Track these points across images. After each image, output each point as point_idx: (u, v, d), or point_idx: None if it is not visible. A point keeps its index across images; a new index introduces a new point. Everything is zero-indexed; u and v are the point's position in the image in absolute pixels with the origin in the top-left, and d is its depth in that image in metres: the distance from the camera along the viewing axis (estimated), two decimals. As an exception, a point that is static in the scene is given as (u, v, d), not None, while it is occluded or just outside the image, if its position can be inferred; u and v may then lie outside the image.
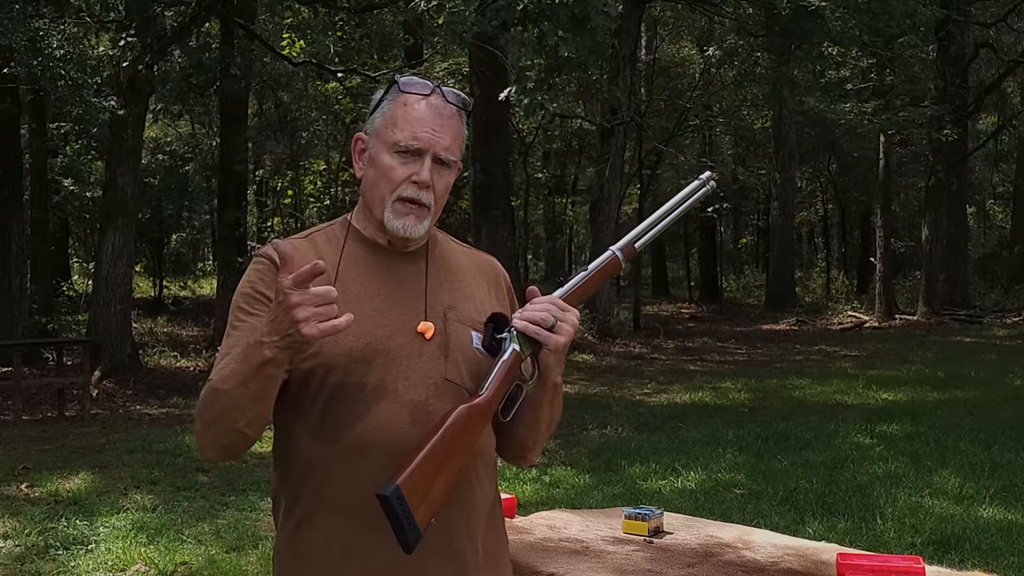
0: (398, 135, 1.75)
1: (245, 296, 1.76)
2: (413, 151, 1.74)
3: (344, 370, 1.70)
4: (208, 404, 1.65)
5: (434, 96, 1.77)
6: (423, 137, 1.74)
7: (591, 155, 23.36)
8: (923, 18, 17.35)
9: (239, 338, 1.69)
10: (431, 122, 1.75)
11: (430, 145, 1.74)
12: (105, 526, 5.94)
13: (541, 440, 1.88)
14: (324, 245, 1.80)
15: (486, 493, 1.82)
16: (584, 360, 15.01)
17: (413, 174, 1.74)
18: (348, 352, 1.70)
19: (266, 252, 1.78)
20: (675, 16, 22.97)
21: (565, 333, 1.71)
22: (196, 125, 25.23)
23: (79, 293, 18.88)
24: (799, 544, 2.89)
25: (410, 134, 1.74)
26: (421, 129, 1.74)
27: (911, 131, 21.53)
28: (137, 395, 11.62)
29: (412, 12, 12.36)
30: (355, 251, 1.80)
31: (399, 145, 1.74)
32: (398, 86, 1.78)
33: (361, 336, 1.71)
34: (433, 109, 1.76)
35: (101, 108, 11.13)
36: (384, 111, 1.78)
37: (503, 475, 7.15)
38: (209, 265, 31.26)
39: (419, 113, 1.75)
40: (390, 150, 1.75)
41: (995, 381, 12.20)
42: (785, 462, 7.68)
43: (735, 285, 32.12)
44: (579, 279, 1.81)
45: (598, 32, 11.27)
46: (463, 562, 1.76)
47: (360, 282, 1.77)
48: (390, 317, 1.74)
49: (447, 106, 1.77)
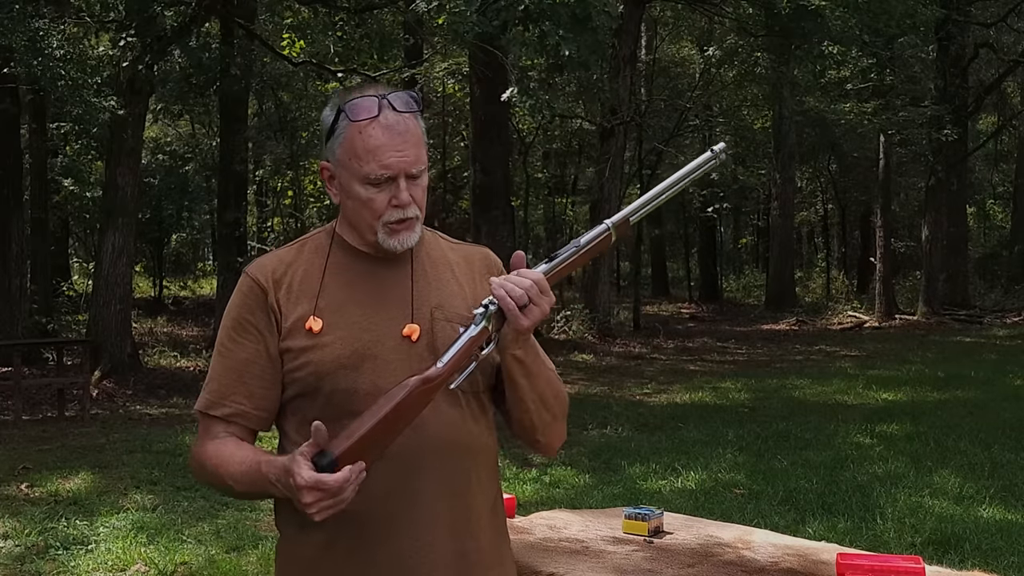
0: (365, 168, 1.73)
1: (233, 322, 1.80)
2: (385, 180, 1.73)
3: (335, 377, 1.73)
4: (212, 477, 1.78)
5: (384, 113, 1.73)
6: (391, 164, 1.72)
7: (591, 155, 23.35)
8: (923, 18, 17.33)
9: (226, 366, 1.79)
10: (392, 145, 1.72)
11: (399, 169, 1.72)
12: (105, 526, 5.94)
13: (544, 421, 1.83)
14: (311, 254, 1.83)
15: (487, 493, 1.83)
16: (584, 360, 15.01)
17: (392, 199, 1.74)
18: (336, 359, 1.73)
19: (253, 275, 1.81)
20: (675, 16, 22.96)
21: (532, 317, 1.68)
22: (196, 125, 25.23)
23: (79, 293, 18.89)
24: (799, 544, 2.89)
25: (377, 165, 1.72)
26: (386, 157, 1.72)
27: (911, 131, 21.51)
28: (137, 395, 11.62)
29: (413, 13, 12.37)
30: (340, 259, 1.81)
31: (369, 178, 1.73)
32: (347, 115, 1.74)
33: (348, 343, 1.74)
34: (389, 130, 1.72)
35: (101, 108, 11.13)
36: (341, 140, 1.75)
37: (503, 475, 7.14)
38: (209, 265, 31.26)
39: (377, 140, 1.72)
40: (361, 182, 1.74)
41: (995, 381, 12.20)
42: (785, 462, 7.68)
43: (735, 285, 32.12)
44: (570, 254, 1.76)
45: (599, 31, 11.28)
46: (467, 560, 1.77)
47: (346, 290, 1.79)
48: (376, 322, 1.76)
49: (400, 118, 1.73)
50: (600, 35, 11.73)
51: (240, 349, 1.78)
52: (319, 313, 1.76)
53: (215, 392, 1.79)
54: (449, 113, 26.25)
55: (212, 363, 1.82)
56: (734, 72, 20.65)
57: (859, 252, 29.25)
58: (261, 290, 1.79)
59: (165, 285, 24.47)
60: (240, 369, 1.77)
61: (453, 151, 27.66)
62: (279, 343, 1.77)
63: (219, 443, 1.76)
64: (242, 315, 1.79)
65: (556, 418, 1.85)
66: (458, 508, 1.76)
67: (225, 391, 1.78)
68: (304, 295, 1.78)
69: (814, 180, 30.64)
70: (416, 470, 1.71)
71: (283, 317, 1.77)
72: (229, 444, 1.76)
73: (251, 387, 1.77)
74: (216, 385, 1.79)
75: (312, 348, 1.74)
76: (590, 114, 19.67)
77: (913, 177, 25.73)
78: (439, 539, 1.73)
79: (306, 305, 1.77)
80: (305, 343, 1.75)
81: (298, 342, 1.75)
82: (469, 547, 1.77)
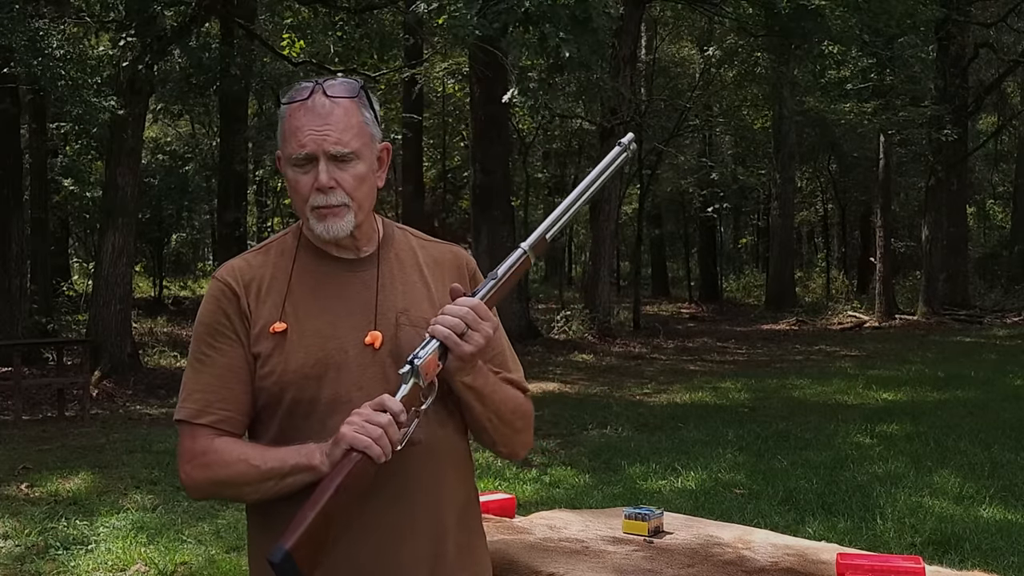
0: (288, 148, 1.75)
1: (208, 328, 1.77)
2: (305, 159, 1.73)
3: (298, 386, 1.72)
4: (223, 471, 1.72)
5: (314, 96, 1.74)
6: (307, 142, 1.73)
7: (591, 155, 23.35)
8: (923, 18, 17.35)
9: (208, 373, 1.75)
10: (311, 124, 1.73)
11: (317, 146, 1.72)
12: (105, 526, 5.94)
13: (504, 435, 1.85)
14: (277, 257, 1.81)
15: (456, 494, 1.81)
16: (584, 360, 15.01)
17: (315, 182, 1.74)
18: (299, 369, 1.72)
19: (223, 278, 1.79)
20: (675, 16, 22.96)
21: (474, 343, 1.68)
22: (196, 125, 25.26)
23: (79, 293, 18.89)
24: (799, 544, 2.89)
25: (296, 144, 1.74)
26: (304, 136, 1.73)
27: (911, 131, 21.52)
28: (137, 395, 11.62)
29: (413, 14, 12.37)
30: (306, 262, 1.80)
31: (292, 158, 1.75)
32: (282, 100, 1.77)
33: (312, 352, 1.73)
34: (311, 111, 1.74)
35: (101, 108, 11.13)
36: (279, 126, 1.79)
37: (503, 475, 7.15)
38: (209, 265, 31.26)
39: (299, 121, 1.74)
40: (290, 164, 1.76)
41: (995, 381, 12.19)
42: (785, 462, 7.68)
43: (735, 285, 32.12)
44: (490, 288, 1.75)
45: (599, 32, 11.28)
46: (438, 561, 1.76)
47: (310, 297, 1.77)
48: (341, 330, 1.74)
49: (328, 102, 1.74)
50: (600, 36, 11.74)
51: (219, 355, 1.75)
52: (284, 318, 1.74)
53: (199, 401, 1.74)
54: (449, 113, 26.27)
55: (189, 372, 1.78)
56: (734, 72, 20.65)
57: (859, 252, 29.26)
58: (233, 293, 1.77)
59: (165, 285, 24.47)
60: (222, 375, 1.75)
61: (453, 151, 27.69)
62: (250, 349, 1.75)
63: (227, 439, 1.73)
64: (217, 320, 1.77)
65: (518, 431, 1.86)
66: (427, 510, 1.75)
67: (210, 398, 1.74)
68: (270, 300, 1.76)
69: (814, 180, 30.64)
70: (383, 476, 1.68)
71: (251, 323, 1.75)
72: (240, 441, 1.75)
73: (235, 392, 1.75)
74: (200, 395, 1.75)
75: (276, 356, 1.73)
76: (590, 114, 19.68)
77: (913, 177, 25.73)
78: (408, 541, 1.73)
79: (272, 310, 1.75)
80: (270, 350, 1.73)
81: (264, 348, 1.74)
82: (437, 549, 1.77)
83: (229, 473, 1.71)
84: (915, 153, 23.29)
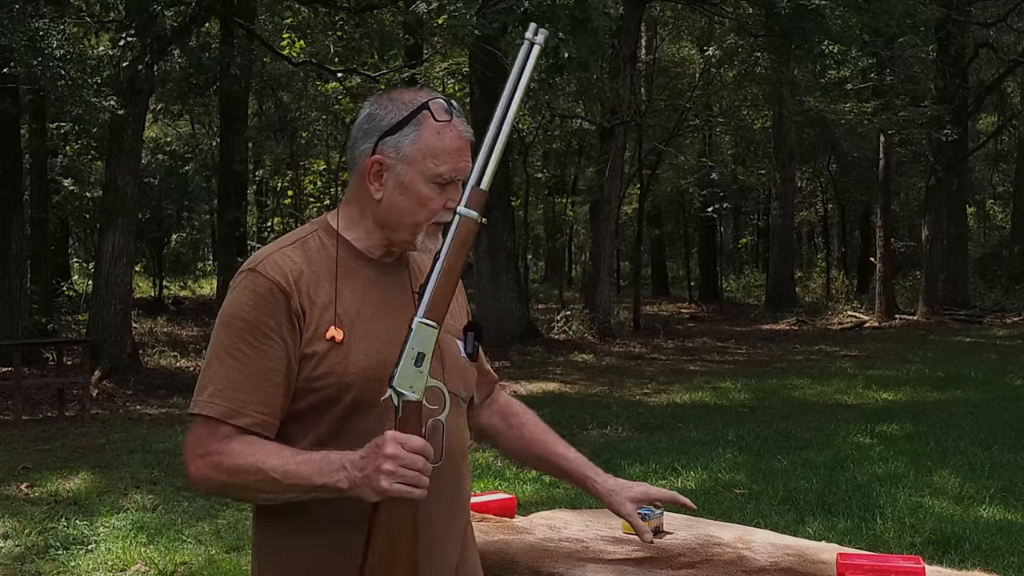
0: (441, 168, 1.73)
1: (249, 325, 1.69)
2: (449, 181, 1.75)
3: (360, 388, 1.70)
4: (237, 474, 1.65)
5: (455, 118, 1.76)
6: (462, 168, 1.75)
7: (591, 155, 23.35)
8: (923, 18, 17.35)
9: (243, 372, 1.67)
10: (464, 151, 1.76)
11: (465, 174, 1.75)
12: (105, 526, 5.94)
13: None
14: (315, 255, 1.76)
15: (469, 478, 1.92)
16: (584, 360, 15.01)
17: (449, 200, 1.75)
18: (362, 371, 1.70)
19: (271, 276, 1.71)
20: (675, 16, 22.97)
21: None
22: (196, 125, 25.27)
23: (79, 293, 18.90)
24: (799, 544, 2.89)
25: (451, 167, 1.74)
26: (460, 160, 1.75)
27: (911, 131, 21.52)
28: (137, 395, 11.62)
29: (413, 14, 12.37)
30: (347, 264, 1.77)
31: (442, 178, 1.74)
32: (431, 113, 1.74)
33: (372, 355, 1.71)
34: (461, 138, 1.76)
35: (101, 108, 11.14)
36: (412, 137, 1.73)
37: (503, 475, 7.15)
38: (209, 265, 31.29)
39: (454, 143, 1.74)
40: (429, 181, 1.74)
41: (995, 381, 12.19)
42: (785, 462, 7.67)
43: (735, 285, 32.12)
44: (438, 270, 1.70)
45: (599, 32, 11.28)
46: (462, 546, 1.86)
47: (359, 298, 1.75)
48: (394, 333, 1.70)
49: (465, 127, 1.77)
50: (600, 36, 11.73)
51: (258, 355, 1.68)
52: (338, 322, 1.71)
53: (233, 400, 1.67)
54: (449, 113, 26.22)
55: (218, 367, 1.70)
56: (734, 72, 20.64)
57: (859, 252, 29.26)
58: (283, 293, 1.69)
59: (165, 285, 24.49)
60: (260, 376, 1.68)
61: (453, 151, 27.63)
62: (300, 349, 1.70)
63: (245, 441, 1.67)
64: (261, 319, 1.69)
65: None
66: (461, 504, 1.83)
67: (245, 399, 1.67)
68: (319, 299, 1.72)
69: (814, 180, 30.64)
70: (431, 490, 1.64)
71: (305, 325, 1.70)
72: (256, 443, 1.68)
73: (271, 395, 1.68)
74: (232, 393, 1.67)
75: (334, 358, 1.69)
76: (590, 114, 19.68)
77: (913, 177, 25.74)
78: (449, 550, 1.79)
79: (324, 312, 1.71)
80: (325, 352, 1.70)
81: (319, 350, 1.70)
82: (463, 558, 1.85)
83: (245, 480, 1.65)
84: (915, 153, 23.28)
